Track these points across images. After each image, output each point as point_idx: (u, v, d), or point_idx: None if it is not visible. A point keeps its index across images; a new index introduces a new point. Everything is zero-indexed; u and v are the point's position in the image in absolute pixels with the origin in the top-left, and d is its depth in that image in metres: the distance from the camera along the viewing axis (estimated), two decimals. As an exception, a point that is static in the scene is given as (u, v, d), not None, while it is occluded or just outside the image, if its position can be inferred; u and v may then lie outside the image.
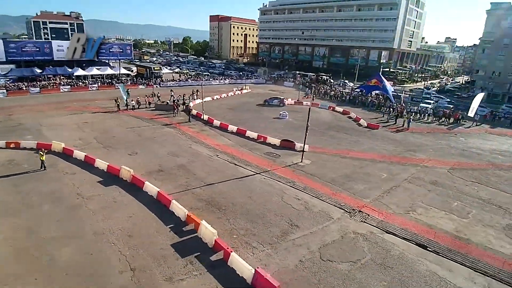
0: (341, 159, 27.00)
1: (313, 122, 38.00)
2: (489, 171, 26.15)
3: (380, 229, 16.94)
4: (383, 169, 25.20)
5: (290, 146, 28.81)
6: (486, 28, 75.39)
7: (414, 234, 16.42)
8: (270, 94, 57.92)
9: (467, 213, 19.08)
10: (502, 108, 51.65)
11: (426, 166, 26.43)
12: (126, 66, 75.13)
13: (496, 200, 20.83)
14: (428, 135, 36.13)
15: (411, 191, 21.64)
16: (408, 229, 16.88)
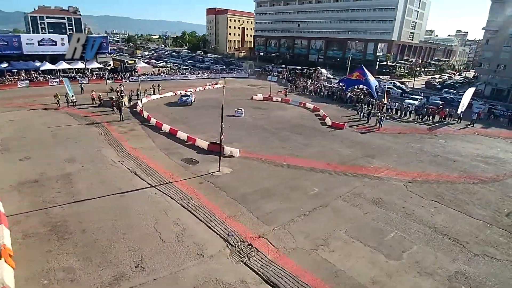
0: (274, 167, 21.70)
1: (272, 120, 33.23)
2: (459, 185, 20.51)
3: (260, 277, 11.60)
4: (319, 181, 20.02)
5: (219, 150, 23.46)
6: (490, 16, 67.69)
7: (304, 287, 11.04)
8: (246, 88, 53.96)
9: (403, 251, 13.57)
10: (476, 106, 45.01)
11: (378, 177, 20.80)
12: (104, 61, 70.95)
13: (454, 230, 15.52)
14: (401, 137, 30.41)
15: (339, 214, 16.23)
16: (300, 278, 11.49)
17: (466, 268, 12.84)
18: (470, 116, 37.55)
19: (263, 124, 32.25)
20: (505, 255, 13.74)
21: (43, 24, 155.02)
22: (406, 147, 27.64)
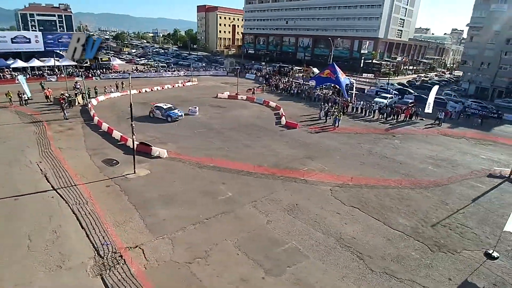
0: (198, 169, 20.24)
1: (226, 120, 31.98)
2: (393, 190, 19.01)
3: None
4: (239, 185, 18.91)
5: (147, 150, 22.03)
6: (475, 13, 65.83)
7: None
8: (218, 86, 52.69)
9: (288, 266, 12.35)
10: (468, 104, 43.32)
11: (306, 181, 19.24)
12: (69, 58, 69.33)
13: (362, 242, 14.31)
14: (355, 137, 28.82)
15: (239, 222, 14.77)
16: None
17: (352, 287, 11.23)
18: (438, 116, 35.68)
19: (214, 123, 30.87)
20: (409, 273, 12.20)
21: (33, 21, 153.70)
22: (354, 148, 26.06)
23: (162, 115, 31.07)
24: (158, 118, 31.30)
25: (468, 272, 12.63)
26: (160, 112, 31.14)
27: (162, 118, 31.02)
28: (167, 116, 30.84)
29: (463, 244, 14.40)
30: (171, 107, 31.81)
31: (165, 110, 31.03)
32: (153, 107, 31.83)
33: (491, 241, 14.40)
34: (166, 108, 31.26)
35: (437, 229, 15.37)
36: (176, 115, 31.13)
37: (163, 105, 31.72)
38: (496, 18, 63.02)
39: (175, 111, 31.40)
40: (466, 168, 23.54)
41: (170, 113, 30.98)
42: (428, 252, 13.62)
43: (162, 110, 31.13)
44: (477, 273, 12.62)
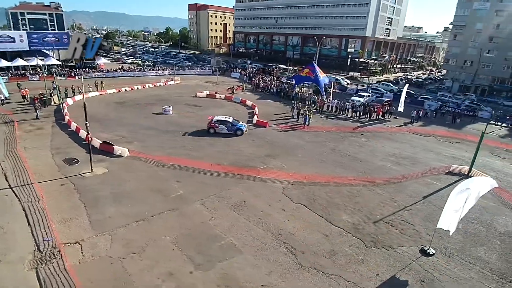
0: (156, 168, 20.68)
1: (199, 119, 32.07)
2: (346, 188, 19.42)
3: (40, 286, 10.52)
4: (193, 182, 19.28)
5: (109, 149, 22.32)
6: (458, 11, 66.39)
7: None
8: (200, 85, 53.08)
9: (220, 261, 12.41)
10: (427, 103, 43.87)
11: (261, 179, 19.62)
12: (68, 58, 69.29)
13: (299, 238, 14.80)
14: (323, 135, 29.25)
15: (183, 219, 15.20)
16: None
17: (279, 282, 11.69)
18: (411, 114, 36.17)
19: (185, 122, 31.27)
20: (338, 268, 12.59)
21: (24, 20, 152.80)
22: (319, 146, 26.46)
23: (229, 129, 27.87)
24: (222, 133, 28.26)
25: (398, 268, 12.98)
26: (226, 127, 27.88)
27: (229, 133, 28.00)
28: (237, 130, 28.00)
29: (401, 240, 14.78)
30: (235, 120, 28.93)
31: (233, 124, 28.06)
32: (214, 122, 28.14)
33: (430, 238, 14.76)
34: (231, 121, 28.20)
35: (379, 226, 15.74)
36: (244, 127, 28.75)
37: (228, 119, 28.43)
38: (479, 16, 63.52)
39: (242, 124, 29.03)
40: (426, 165, 23.97)
41: (239, 126, 28.34)
42: (363, 248, 13.99)
43: (228, 124, 27.97)
44: (408, 269, 13.00)
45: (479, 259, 13.92)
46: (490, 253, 14.43)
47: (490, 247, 14.85)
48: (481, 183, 13.92)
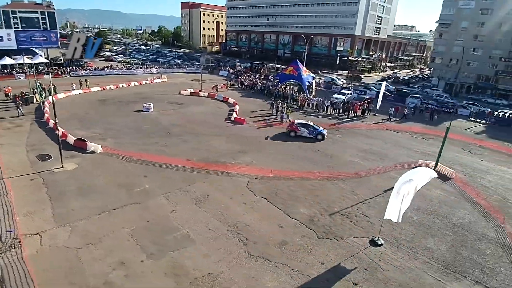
0: (126, 163, 21.30)
1: (178, 116, 32.88)
2: (309, 182, 20.20)
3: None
4: (161, 178, 19.79)
5: (83, 146, 22.78)
6: (444, 9, 67.14)
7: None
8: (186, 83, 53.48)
9: (172, 250, 12.83)
10: (410, 101, 44.61)
11: (228, 173, 20.17)
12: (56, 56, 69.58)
13: (253, 229, 15.34)
14: (299, 132, 29.58)
15: (145, 212, 15.85)
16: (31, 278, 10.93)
17: (225, 270, 12.29)
18: (389, 111, 36.86)
19: (164, 119, 31.77)
20: (285, 258, 13.16)
21: (15, 18, 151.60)
22: (293, 142, 26.97)
23: (311, 133, 28.12)
24: (303, 136, 28.46)
25: (345, 257, 13.57)
26: (308, 130, 28.13)
27: (310, 136, 28.19)
28: (317, 134, 28.06)
29: (353, 231, 15.37)
30: (315, 125, 29.06)
31: (314, 128, 28.30)
32: (296, 125, 28.54)
33: (384, 229, 15.37)
34: (313, 125, 28.58)
35: (334, 218, 16.33)
36: (325, 131, 28.68)
37: (309, 123, 28.94)
38: (464, 15, 64.33)
39: (323, 129, 28.97)
40: (394, 161, 24.60)
41: (320, 130, 28.32)
42: (314, 239, 14.57)
43: (310, 128, 28.27)
44: (354, 259, 13.56)
45: (428, 250, 14.51)
46: (440, 244, 15.02)
47: (441, 239, 15.44)
48: (422, 174, 14.53)
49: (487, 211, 18.45)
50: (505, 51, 60.70)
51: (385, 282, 12.25)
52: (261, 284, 11.67)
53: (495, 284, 12.83)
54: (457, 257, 14.19)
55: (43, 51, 67.88)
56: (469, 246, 15.09)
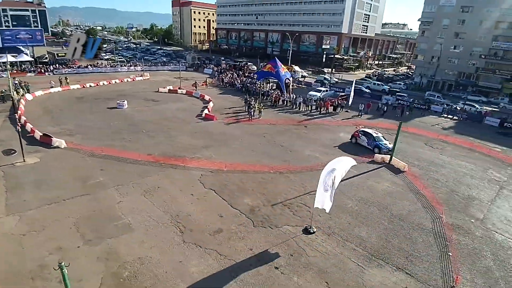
0: (87, 158, 22.23)
1: (150, 112, 33.70)
2: (262, 175, 21.11)
3: None
4: (117, 171, 20.51)
5: (48, 141, 23.51)
6: (425, 7, 68.06)
7: None
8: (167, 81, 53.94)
9: (110, 237, 13.59)
10: (385, 98, 45.60)
11: (185, 167, 21.08)
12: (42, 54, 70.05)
13: (194, 219, 16.26)
14: (265, 128, 30.95)
15: (93, 202, 16.85)
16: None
17: (156, 255, 13.10)
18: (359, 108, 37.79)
19: (136, 116, 32.72)
20: (217, 244, 14.02)
21: (6, 17, 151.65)
22: (257, 137, 27.91)
23: (369, 143, 26.35)
24: (363, 146, 27.01)
25: (274, 244, 14.39)
26: (367, 140, 26.53)
27: (368, 147, 26.29)
28: (375, 146, 25.87)
29: (290, 220, 16.20)
30: (379, 136, 26.68)
31: (373, 139, 26.18)
32: (360, 131, 27.37)
33: (321, 219, 16.22)
34: (375, 136, 26.29)
35: (275, 208, 17.17)
36: (386, 148, 25.51)
37: (372, 132, 26.92)
38: (445, 12, 65.29)
39: (385, 143, 26.06)
40: (352, 154, 25.37)
41: (378, 143, 25.91)
42: (250, 227, 15.41)
43: (370, 138, 26.44)
44: (283, 245, 14.36)
45: (358, 238, 15.35)
46: (372, 232, 15.86)
47: (375, 228, 16.27)
48: (344, 163, 15.37)
49: (430, 203, 19.21)
50: (485, 49, 61.53)
51: (306, 267, 13.06)
52: (186, 268, 12.47)
53: (417, 271, 13.57)
54: (386, 246, 14.97)
55: (29, 49, 68.18)
56: (401, 235, 15.87)
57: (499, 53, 61.23)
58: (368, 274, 12.96)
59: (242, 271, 12.50)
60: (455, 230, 16.64)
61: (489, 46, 61.23)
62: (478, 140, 32.79)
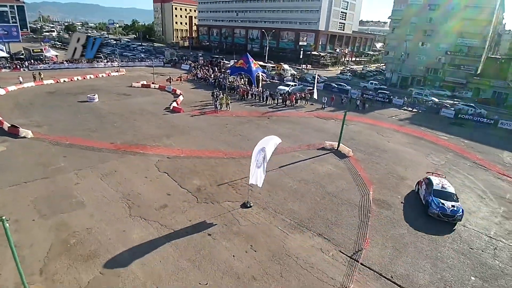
0: (52, 146, 23.77)
1: (119, 106, 34.96)
2: (214, 160, 22.97)
3: None
4: (78, 158, 22.09)
5: (15, 132, 24.87)
6: (395, 5, 70.89)
7: None
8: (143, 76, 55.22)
9: (62, 212, 15.19)
10: (352, 92, 48.14)
11: (144, 154, 22.83)
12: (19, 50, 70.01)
13: (145, 198, 18.06)
14: (230, 119, 32.83)
15: (51, 185, 18.13)
16: None
17: (102, 226, 14.80)
18: (322, 101, 40.00)
19: (105, 108, 34.01)
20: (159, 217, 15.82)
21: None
22: (218, 128, 29.86)
23: (424, 197, 18.87)
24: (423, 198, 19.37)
25: (212, 216, 16.31)
26: (425, 189, 19.05)
27: (423, 201, 18.78)
28: (430, 203, 17.68)
29: (231, 197, 18.11)
30: (446, 189, 18.36)
31: (431, 193, 18.17)
32: (424, 179, 19.92)
33: (261, 196, 18.26)
34: (436, 189, 18.22)
35: (220, 187, 19.10)
36: (457, 212, 17.09)
37: (435, 180, 19.01)
38: (414, 10, 68.30)
39: (455, 207, 17.29)
40: (304, 142, 27.51)
41: (435, 200, 17.60)
42: (194, 203, 17.30)
43: (429, 188, 18.78)
44: (219, 217, 16.24)
45: (289, 211, 17.39)
46: (303, 206, 17.92)
47: (307, 203, 18.30)
48: (272, 142, 17.40)
49: (364, 183, 21.42)
50: (451, 45, 64.67)
51: (236, 234, 15.05)
52: (128, 235, 14.30)
53: (334, 236, 15.67)
54: (312, 217, 17.07)
55: (5, 46, 68.23)
56: (329, 208, 18.00)
57: (464, 49, 64.28)
58: (290, 239, 15.02)
59: (178, 237, 14.37)
60: (380, 204, 18.84)
61: (454, 43, 64.20)
62: (429, 129, 35.27)
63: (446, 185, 18.85)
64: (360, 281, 12.62)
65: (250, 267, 12.78)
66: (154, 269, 12.32)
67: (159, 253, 13.10)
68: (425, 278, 13.18)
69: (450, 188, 18.66)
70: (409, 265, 13.85)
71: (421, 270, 13.59)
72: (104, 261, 12.51)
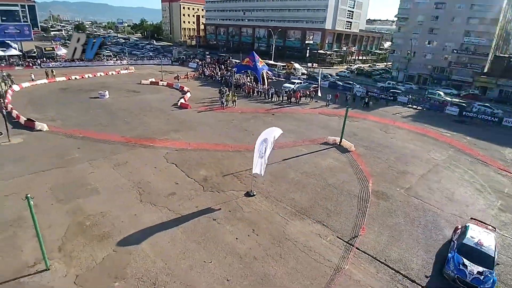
0: (66, 139, 25.14)
1: (129, 102, 36.35)
2: (221, 153, 24.01)
3: None
4: (92, 149, 23.10)
5: (31, 125, 26.24)
6: (402, 4, 71.18)
7: None
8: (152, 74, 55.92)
9: (70, 201, 16.36)
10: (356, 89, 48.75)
11: (153, 146, 24.14)
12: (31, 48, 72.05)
13: (154, 186, 18.91)
14: (236, 115, 33.76)
15: (69, 173, 19.14)
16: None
17: (116, 210, 15.90)
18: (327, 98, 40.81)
19: (115, 105, 35.20)
20: (168, 203, 16.89)
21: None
22: (225, 123, 30.76)
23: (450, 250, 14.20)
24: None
25: (217, 203, 17.33)
26: (456, 241, 14.55)
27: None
28: (449, 260, 13.38)
29: (236, 187, 19.08)
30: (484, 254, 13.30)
31: (457, 247, 13.91)
32: (462, 226, 15.49)
33: (264, 186, 19.15)
34: (466, 244, 13.77)
35: (225, 178, 20.08)
36: (483, 282, 12.30)
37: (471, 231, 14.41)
38: (420, 9, 68.53)
39: (476, 272, 12.63)
40: (307, 137, 28.38)
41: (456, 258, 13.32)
42: (200, 191, 18.32)
43: (460, 239, 14.35)
44: (224, 204, 17.18)
45: (291, 200, 18.29)
46: (304, 196, 18.80)
47: (308, 193, 19.17)
48: (273, 133, 18.29)
49: (365, 176, 22.22)
50: (457, 43, 64.81)
51: (240, 219, 16.03)
52: (139, 219, 15.37)
53: (332, 223, 16.55)
54: (313, 205, 17.95)
55: (18, 44, 70.24)
56: (329, 198, 18.86)
57: (471, 48, 64.38)
58: (290, 225, 15.95)
59: (185, 221, 15.42)
60: (379, 196, 19.63)
61: (461, 41, 64.33)
62: (432, 126, 35.82)
63: (485, 241, 13.62)
64: (354, 263, 13.49)
65: (251, 249, 13.73)
66: (163, 248, 13.34)
67: (168, 235, 14.13)
68: (418, 263, 13.96)
69: (489, 248, 13.35)
70: (403, 250, 14.62)
71: (414, 256, 14.35)
72: (117, 240, 13.58)
